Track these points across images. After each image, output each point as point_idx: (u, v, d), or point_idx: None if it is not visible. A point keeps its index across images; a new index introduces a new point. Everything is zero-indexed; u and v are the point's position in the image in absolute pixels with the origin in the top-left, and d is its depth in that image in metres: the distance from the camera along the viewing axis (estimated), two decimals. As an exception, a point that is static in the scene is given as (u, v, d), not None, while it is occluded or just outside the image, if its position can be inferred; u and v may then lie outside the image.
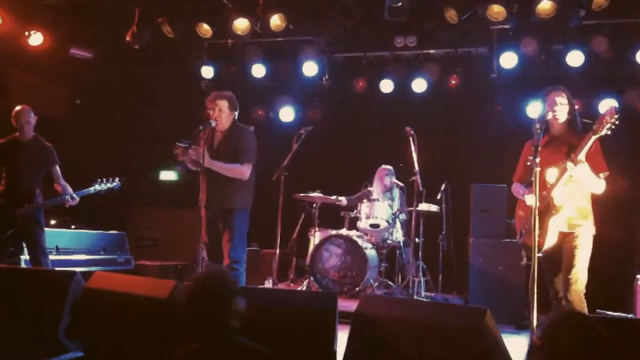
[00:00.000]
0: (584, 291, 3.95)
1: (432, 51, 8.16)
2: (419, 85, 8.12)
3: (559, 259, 4.04)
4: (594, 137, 3.78)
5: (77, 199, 5.63)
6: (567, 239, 4.02)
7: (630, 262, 6.71)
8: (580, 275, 3.94)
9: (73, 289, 3.66)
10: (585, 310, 3.91)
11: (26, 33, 7.83)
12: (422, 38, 7.90)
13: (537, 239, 3.54)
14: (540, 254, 3.85)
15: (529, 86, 7.48)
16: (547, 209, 3.94)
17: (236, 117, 5.14)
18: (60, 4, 7.77)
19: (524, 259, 4.19)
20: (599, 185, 4.00)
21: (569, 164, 3.84)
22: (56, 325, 3.55)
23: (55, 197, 5.67)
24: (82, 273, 3.84)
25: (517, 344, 3.67)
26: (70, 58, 8.40)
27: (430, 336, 2.95)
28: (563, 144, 4.08)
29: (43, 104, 6.10)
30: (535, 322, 3.45)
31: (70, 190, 5.66)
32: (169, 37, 7.62)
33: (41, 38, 7.93)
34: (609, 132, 3.72)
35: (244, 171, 4.86)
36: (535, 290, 3.49)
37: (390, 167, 7.65)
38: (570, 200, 3.99)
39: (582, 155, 3.83)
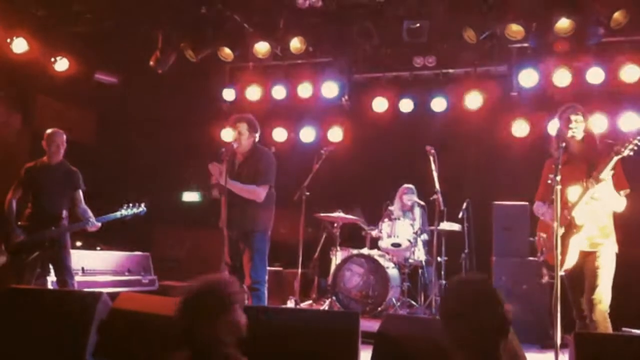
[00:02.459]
0: (608, 310, 3.92)
1: (451, 70, 8.20)
2: (439, 104, 8.14)
3: (581, 279, 4.02)
4: (616, 158, 3.77)
5: (98, 225, 5.73)
6: (589, 258, 4.00)
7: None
8: (603, 295, 3.91)
9: (100, 309, 3.72)
10: (610, 330, 3.87)
11: (52, 59, 8.04)
12: (441, 58, 7.94)
13: (559, 257, 3.53)
14: (562, 273, 3.84)
15: (549, 104, 7.46)
16: (568, 227, 3.93)
17: (257, 139, 5.23)
18: (86, 31, 7.97)
19: (545, 277, 4.17)
20: (619, 203, 3.99)
21: (592, 182, 3.83)
22: (84, 346, 3.61)
23: (80, 222, 5.77)
24: (108, 294, 3.91)
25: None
26: (96, 83, 8.59)
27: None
28: (583, 162, 4.08)
29: (68, 128, 6.22)
30: (559, 341, 3.43)
31: (89, 214, 5.76)
32: (192, 61, 7.77)
33: (67, 64, 8.13)
34: (631, 153, 3.71)
35: (260, 193, 4.93)
36: (559, 309, 3.47)
37: (411, 186, 7.67)
38: (591, 218, 3.97)
39: (604, 175, 3.82)
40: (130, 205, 5.86)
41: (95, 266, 7.23)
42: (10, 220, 5.68)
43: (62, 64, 8.16)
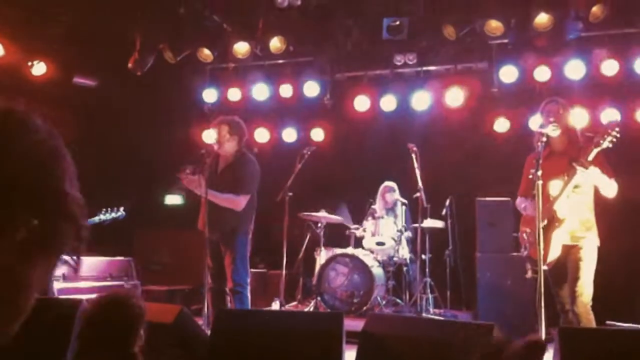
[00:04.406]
0: (591, 303, 3.93)
1: (432, 68, 8.20)
2: (420, 101, 8.14)
3: (564, 272, 4.03)
4: (595, 150, 3.79)
5: None
6: (571, 252, 4.01)
7: (638, 272, 6.66)
8: (585, 287, 3.93)
9: (79, 317, 3.65)
10: (593, 322, 3.88)
11: (29, 63, 7.92)
12: (421, 55, 7.94)
13: (541, 252, 3.53)
14: (545, 267, 3.84)
15: (530, 99, 7.49)
16: (550, 222, 3.93)
17: (242, 141, 5.11)
18: (63, 34, 7.86)
19: (529, 272, 4.17)
20: (612, 187, 3.98)
21: (580, 169, 3.83)
22: (63, 354, 3.54)
23: None
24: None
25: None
26: (74, 86, 8.49)
27: (437, 354, 2.94)
28: (564, 156, 4.09)
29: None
30: (544, 335, 3.42)
31: None
32: (171, 63, 7.70)
33: (44, 68, 8.02)
34: (610, 145, 3.72)
35: (239, 202, 4.86)
36: (543, 303, 3.47)
37: (393, 184, 7.65)
38: (573, 212, 3.98)
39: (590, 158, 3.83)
40: (109, 209, 5.78)
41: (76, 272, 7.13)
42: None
43: (39, 68, 8.04)
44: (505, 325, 3.07)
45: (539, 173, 3.61)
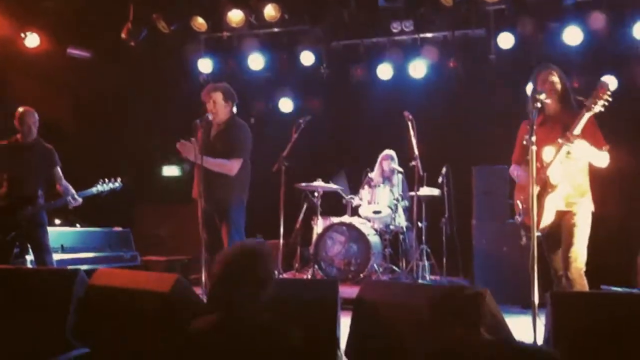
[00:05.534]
0: (584, 268, 3.95)
1: (429, 35, 8.13)
2: (417, 69, 8.09)
3: (558, 238, 4.04)
4: (587, 114, 3.76)
5: (80, 200, 5.66)
6: (565, 217, 4.01)
7: (633, 236, 6.69)
8: (579, 253, 3.94)
9: (77, 287, 3.68)
10: (586, 288, 3.91)
11: (22, 35, 7.84)
12: (418, 22, 7.87)
13: (535, 218, 3.54)
14: (539, 233, 3.85)
15: (528, 66, 7.43)
16: (543, 188, 3.93)
17: (234, 109, 5.13)
18: (56, 5, 7.77)
19: (524, 239, 4.19)
20: (602, 158, 3.97)
21: (566, 140, 3.82)
22: (62, 324, 3.58)
23: (58, 199, 5.69)
24: (89, 270, 3.87)
25: (523, 323, 3.69)
26: (69, 58, 8.41)
27: (430, 318, 2.97)
28: (558, 122, 4.06)
29: (42, 105, 6.10)
30: (537, 301, 3.45)
31: (72, 191, 5.68)
32: (165, 32, 7.62)
33: (37, 39, 7.94)
34: (602, 109, 3.70)
35: (232, 167, 4.84)
36: (536, 269, 3.49)
37: (392, 153, 7.64)
38: (566, 178, 3.97)
39: (577, 131, 3.82)
40: (106, 180, 5.78)
41: (75, 243, 7.18)
42: (-17, 200, 5.60)
43: (32, 40, 7.97)
44: (501, 291, 3.10)
45: (533, 139, 3.59)
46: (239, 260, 2.54)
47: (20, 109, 5.76)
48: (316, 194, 7.33)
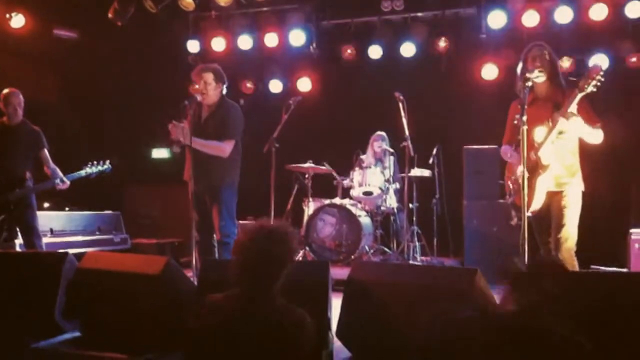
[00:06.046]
0: (575, 249, 3.96)
1: (419, 14, 8.07)
2: (408, 49, 8.04)
3: (548, 218, 4.04)
4: (580, 95, 3.75)
5: (68, 182, 5.62)
6: (555, 198, 4.01)
7: (623, 216, 6.73)
8: (570, 233, 3.94)
9: (66, 270, 3.66)
10: (577, 268, 3.92)
11: (7, 15, 7.71)
12: (409, 1, 7.81)
13: (525, 198, 3.54)
14: (529, 214, 3.85)
15: (519, 45, 7.40)
16: (534, 168, 3.92)
17: (224, 90, 5.08)
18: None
19: (514, 219, 4.19)
20: (596, 134, 3.96)
21: (561, 119, 3.81)
22: (52, 307, 3.56)
23: (46, 181, 5.64)
24: (79, 254, 3.84)
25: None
26: (55, 39, 8.29)
27: (421, 299, 2.97)
28: (548, 101, 4.05)
29: (28, 86, 6.02)
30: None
31: (59, 173, 5.64)
32: (152, 12, 7.52)
33: (23, 20, 7.81)
34: (594, 89, 3.68)
35: (224, 148, 4.81)
36: (527, 249, 3.50)
37: (383, 134, 7.60)
38: (557, 158, 3.96)
39: (571, 109, 3.80)
40: (95, 162, 5.74)
41: (64, 227, 7.14)
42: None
43: (17, 21, 7.84)
44: (491, 271, 3.11)
45: (524, 118, 3.58)
46: (266, 240, 2.52)
47: (5, 91, 5.70)
48: (307, 175, 7.30)
